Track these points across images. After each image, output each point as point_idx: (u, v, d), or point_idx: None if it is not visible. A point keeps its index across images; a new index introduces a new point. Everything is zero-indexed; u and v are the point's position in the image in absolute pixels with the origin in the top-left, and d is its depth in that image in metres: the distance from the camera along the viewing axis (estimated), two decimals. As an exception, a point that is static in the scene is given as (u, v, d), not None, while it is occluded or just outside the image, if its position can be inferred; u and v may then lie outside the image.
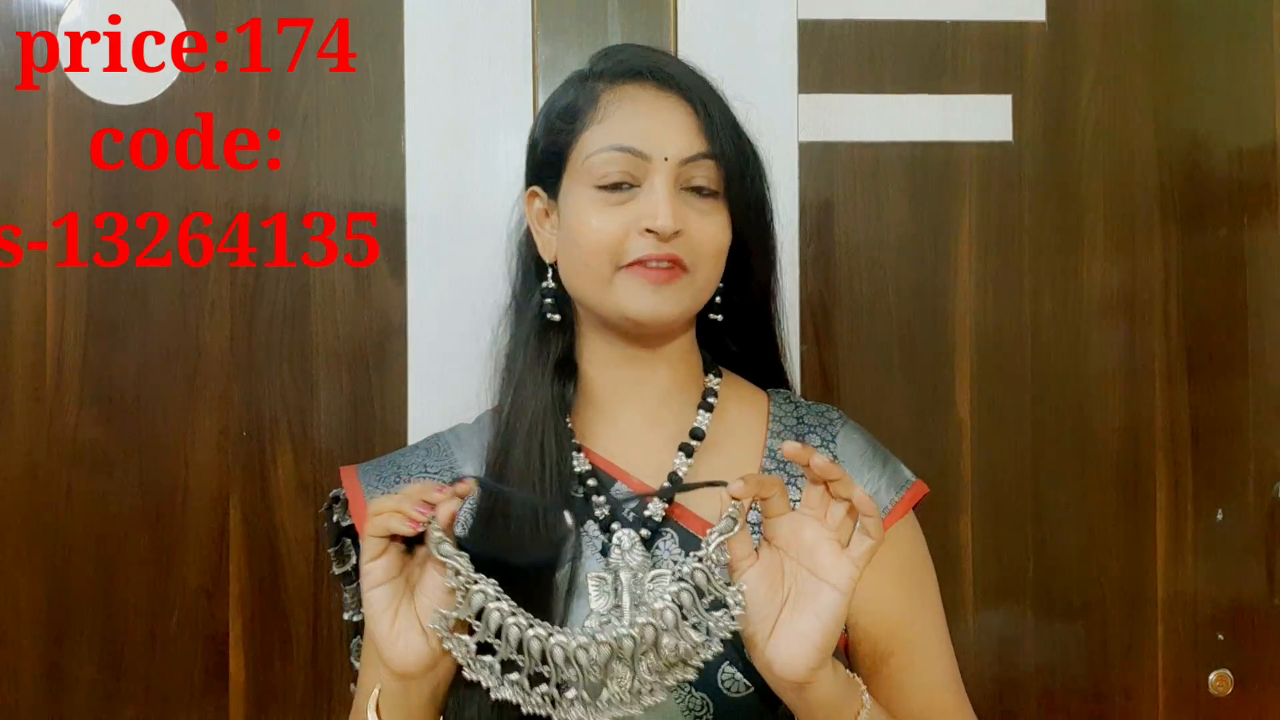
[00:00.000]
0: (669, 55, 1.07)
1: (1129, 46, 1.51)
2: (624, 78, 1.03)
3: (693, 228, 0.99)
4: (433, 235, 1.43)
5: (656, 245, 0.97)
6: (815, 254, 1.48)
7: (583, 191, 1.01)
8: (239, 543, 1.42)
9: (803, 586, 0.87)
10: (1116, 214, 1.51)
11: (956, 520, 1.49)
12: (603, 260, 0.99)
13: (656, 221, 0.97)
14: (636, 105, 1.01)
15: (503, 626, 0.88)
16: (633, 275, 0.98)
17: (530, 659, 0.88)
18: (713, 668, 0.95)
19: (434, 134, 1.44)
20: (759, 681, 0.94)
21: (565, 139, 1.03)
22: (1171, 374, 1.51)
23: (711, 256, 1.01)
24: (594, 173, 1.00)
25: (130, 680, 1.41)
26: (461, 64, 1.44)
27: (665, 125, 1.00)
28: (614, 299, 1.00)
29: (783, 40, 1.47)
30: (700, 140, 1.00)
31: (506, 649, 0.88)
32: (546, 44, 1.45)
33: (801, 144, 1.47)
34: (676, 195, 0.99)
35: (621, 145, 0.99)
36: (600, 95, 1.02)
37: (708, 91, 1.03)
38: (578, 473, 1.03)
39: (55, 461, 1.41)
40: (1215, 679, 1.51)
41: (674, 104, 1.01)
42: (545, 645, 0.88)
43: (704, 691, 0.96)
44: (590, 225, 0.99)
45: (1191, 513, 1.51)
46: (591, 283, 1.01)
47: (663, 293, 0.98)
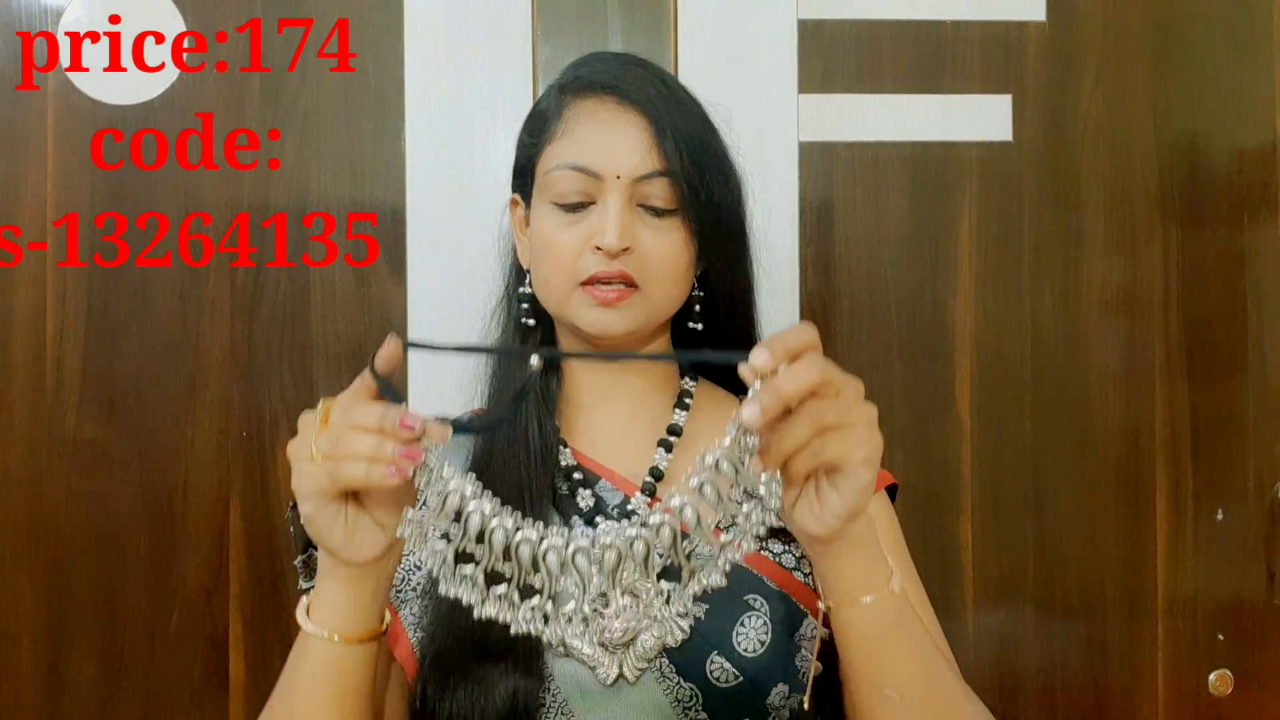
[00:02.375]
0: (641, 67, 1.06)
1: (1129, 46, 1.51)
2: (585, 92, 1.04)
3: (645, 245, 1.00)
4: (433, 235, 1.43)
5: (606, 262, 0.99)
6: (815, 254, 1.48)
7: (545, 206, 1.03)
8: (239, 543, 1.42)
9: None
10: (1116, 214, 1.51)
11: (956, 520, 1.49)
12: (561, 276, 1.01)
13: (605, 240, 0.98)
14: (594, 122, 1.02)
15: (485, 530, 0.77)
16: (585, 294, 1.00)
17: (519, 567, 0.77)
18: (701, 658, 0.96)
19: (434, 134, 1.44)
20: (749, 671, 0.95)
21: (532, 152, 1.06)
22: (1171, 374, 1.51)
23: (666, 273, 1.02)
24: (552, 189, 1.02)
25: (130, 680, 1.41)
26: (461, 64, 1.44)
27: (619, 143, 1.01)
28: (570, 313, 1.02)
29: (783, 40, 1.47)
30: (655, 158, 1.00)
31: (490, 557, 0.77)
32: (546, 44, 1.45)
33: (801, 144, 1.47)
34: (631, 212, 1.00)
35: (575, 164, 1.01)
36: (564, 110, 1.04)
37: (671, 106, 1.03)
38: (563, 467, 1.04)
39: (55, 461, 1.41)
40: (1215, 679, 1.51)
41: (631, 120, 1.01)
42: (536, 550, 0.78)
43: (692, 681, 0.96)
44: (548, 243, 1.02)
45: (1191, 513, 1.51)
46: (553, 296, 1.03)
47: (610, 313, 1.00)
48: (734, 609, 0.98)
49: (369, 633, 0.86)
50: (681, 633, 0.96)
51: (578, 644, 0.95)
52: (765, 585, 1.00)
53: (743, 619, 0.98)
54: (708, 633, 0.97)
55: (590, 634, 0.95)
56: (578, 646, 0.95)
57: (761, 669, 0.97)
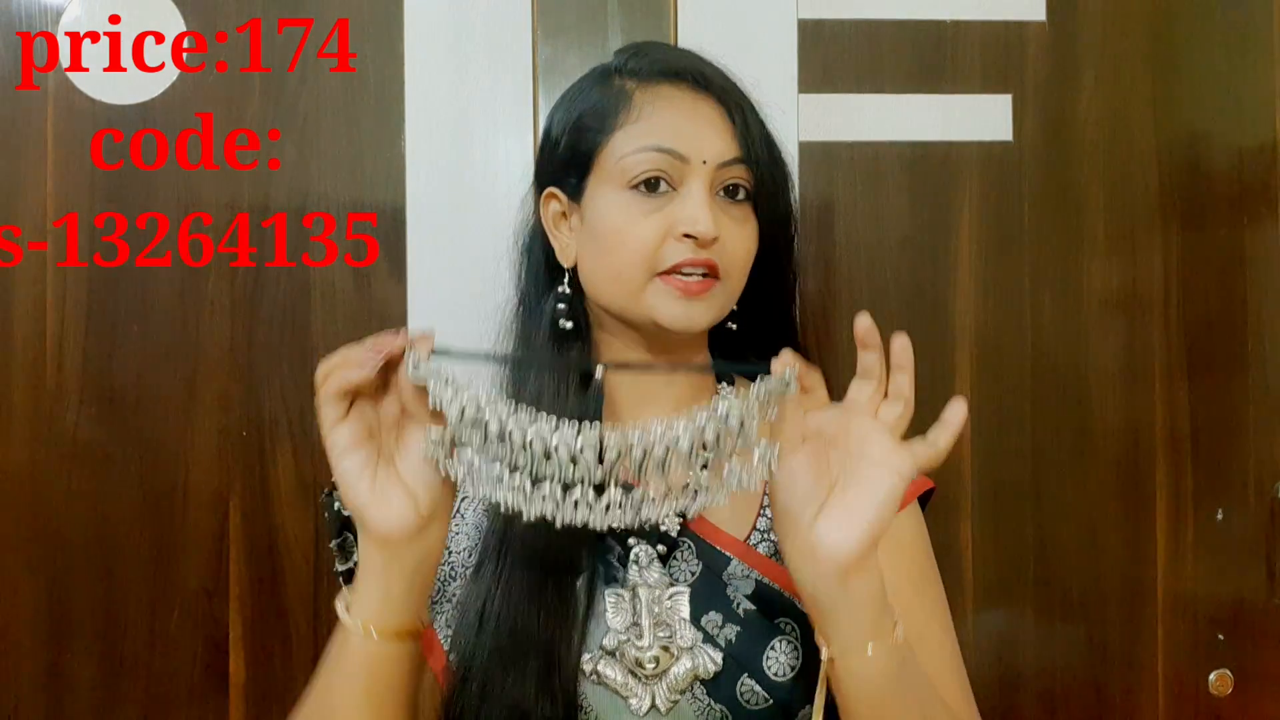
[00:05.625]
0: (702, 57, 1.04)
1: (1129, 46, 1.51)
2: (658, 77, 1.00)
3: (727, 234, 0.97)
4: (433, 235, 1.43)
5: (695, 250, 0.95)
6: (815, 254, 1.48)
7: (614, 194, 0.98)
8: (239, 543, 1.42)
9: (856, 473, 0.81)
10: (1116, 214, 1.51)
11: (956, 520, 1.49)
12: (637, 267, 0.97)
13: (697, 227, 0.95)
14: (673, 106, 0.99)
15: (504, 428, 0.80)
16: (666, 284, 0.96)
17: (533, 458, 0.80)
18: (732, 680, 0.95)
19: (434, 134, 1.44)
20: (778, 694, 0.94)
21: (593, 139, 1.00)
22: (1171, 374, 1.51)
23: (742, 264, 1.00)
24: (628, 173, 0.97)
25: (130, 680, 1.41)
26: (461, 64, 1.44)
27: (703, 128, 0.98)
28: (644, 306, 0.97)
29: (783, 40, 1.47)
30: (735, 145, 0.98)
31: (511, 453, 0.80)
32: (546, 44, 1.45)
33: (801, 144, 1.47)
34: (712, 200, 0.97)
35: (660, 146, 0.96)
36: (633, 95, 0.99)
37: (742, 96, 1.02)
38: None
39: (55, 461, 1.41)
40: (1215, 679, 1.51)
41: (710, 107, 0.99)
42: (549, 441, 0.80)
43: (722, 704, 0.95)
44: (625, 231, 0.97)
45: (1191, 513, 1.51)
46: (622, 289, 0.98)
47: (695, 304, 0.97)
48: (766, 632, 0.97)
49: (405, 628, 0.85)
50: (714, 664, 0.95)
51: (610, 673, 0.95)
52: (796, 608, 0.97)
53: (774, 643, 0.96)
54: (739, 655, 0.96)
55: (623, 664, 0.95)
56: (610, 676, 0.95)
57: (790, 692, 0.95)
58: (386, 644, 0.85)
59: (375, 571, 0.85)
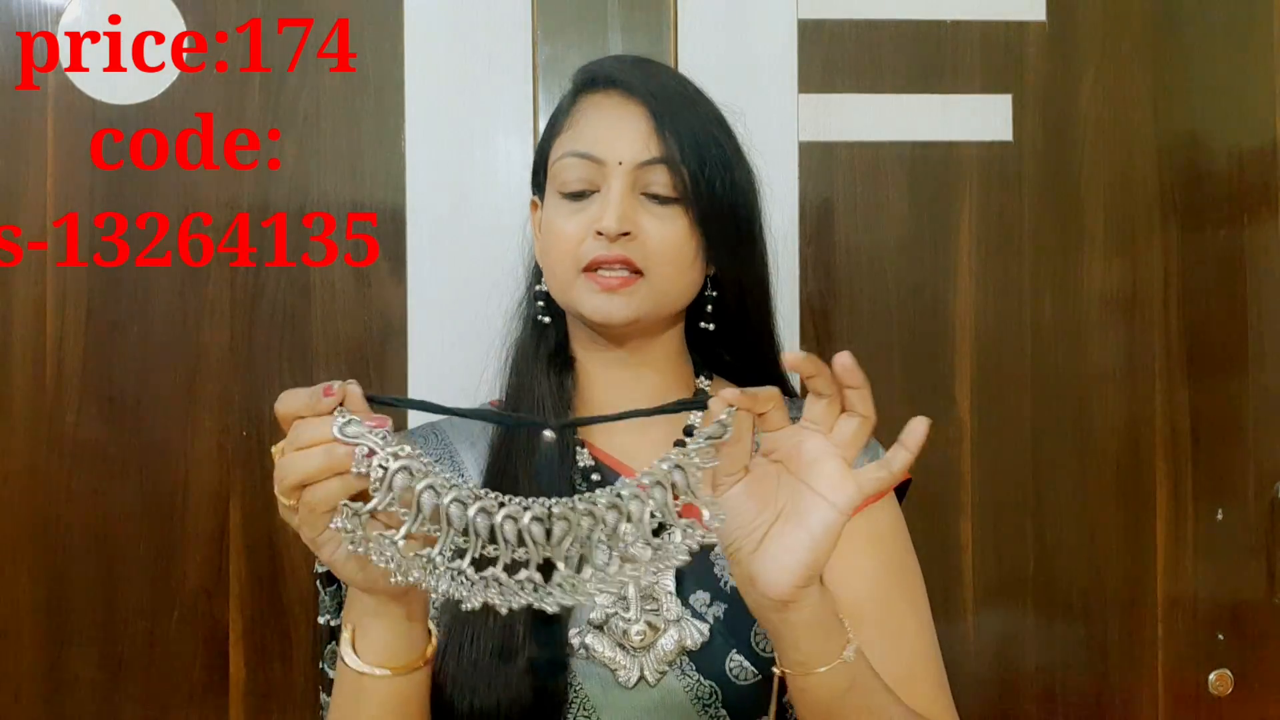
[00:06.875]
0: (649, 65, 1.09)
1: (1129, 46, 1.51)
2: (591, 87, 1.06)
3: (646, 231, 1.01)
4: (433, 235, 1.43)
5: (607, 246, 1.00)
6: (815, 254, 1.48)
7: (553, 198, 1.05)
8: (239, 543, 1.42)
9: (799, 502, 0.81)
10: (1116, 214, 1.51)
11: (956, 520, 1.49)
12: (565, 265, 1.02)
13: (604, 223, 0.99)
14: (598, 113, 1.04)
15: (439, 508, 0.72)
16: (589, 280, 1.01)
17: (476, 539, 0.73)
18: (721, 656, 0.97)
19: (434, 134, 1.44)
20: (766, 669, 0.95)
21: (544, 148, 1.09)
22: (1171, 374, 1.51)
23: (669, 261, 1.02)
24: (558, 179, 1.04)
25: (130, 680, 1.41)
26: (461, 64, 1.44)
27: (621, 131, 1.02)
28: (574, 300, 1.03)
29: (783, 40, 1.47)
30: (655, 145, 1.01)
31: (448, 534, 0.72)
32: (546, 44, 1.45)
33: (801, 144, 1.47)
34: (633, 199, 1.01)
35: (578, 151, 1.02)
36: (570, 106, 1.07)
37: (676, 100, 1.04)
38: (581, 467, 1.04)
39: (55, 461, 1.41)
40: (1215, 679, 1.51)
41: (634, 111, 1.03)
42: (494, 520, 0.73)
43: (712, 679, 0.97)
44: (557, 231, 1.03)
45: (1191, 513, 1.51)
46: (558, 285, 1.04)
47: (614, 298, 1.00)
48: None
49: (420, 658, 0.86)
50: (700, 635, 0.97)
51: (599, 647, 0.96)
52: None
53: None
54: (727, 631, 0.98)
55: (610, 637, 0.96)
56: (599, 650, 0.96)
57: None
58: (406, 677, 0.85)
59: (380, 619, 0.85)
